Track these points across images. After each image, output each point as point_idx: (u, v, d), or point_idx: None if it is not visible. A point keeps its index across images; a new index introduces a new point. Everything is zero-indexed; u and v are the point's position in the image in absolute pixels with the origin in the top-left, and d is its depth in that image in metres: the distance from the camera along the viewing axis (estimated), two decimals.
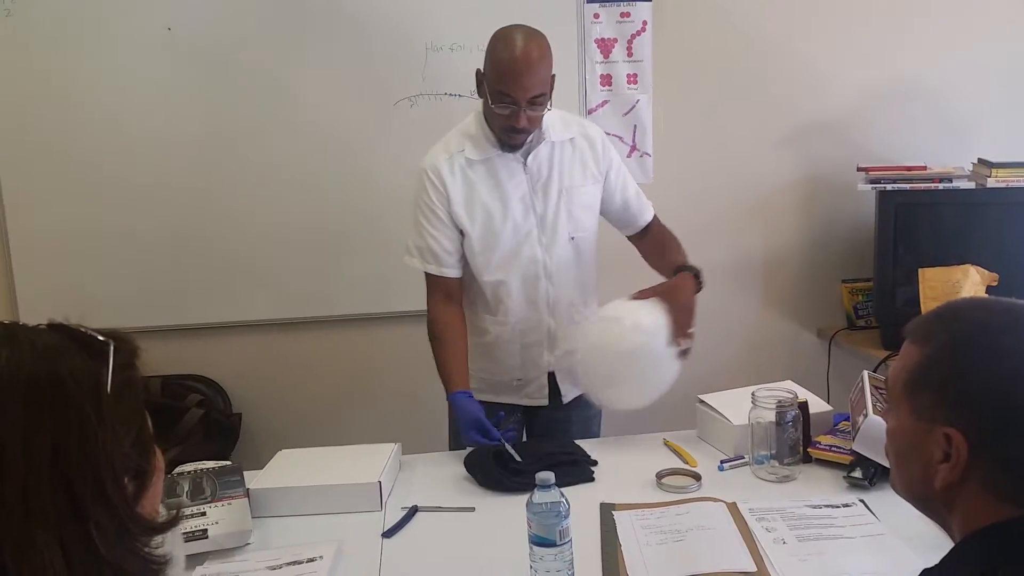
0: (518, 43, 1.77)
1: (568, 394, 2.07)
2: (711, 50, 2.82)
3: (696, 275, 1.89)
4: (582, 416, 2.10)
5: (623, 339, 1.75)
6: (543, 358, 2.04)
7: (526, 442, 2.03)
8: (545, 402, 2.08)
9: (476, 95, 1.90)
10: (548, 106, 1.84)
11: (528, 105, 1.78)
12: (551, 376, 2.06)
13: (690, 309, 1.82)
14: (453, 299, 1.98)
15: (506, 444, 1.72)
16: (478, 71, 1.86)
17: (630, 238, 2.11)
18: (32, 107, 2.59)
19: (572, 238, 1.99)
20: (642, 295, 1.82)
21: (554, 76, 1.84)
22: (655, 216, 2.09)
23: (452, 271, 1.96)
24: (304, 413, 2.81)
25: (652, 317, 1.76)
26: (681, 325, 1.78)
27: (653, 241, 2.07)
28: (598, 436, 2.13)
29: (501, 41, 1.80)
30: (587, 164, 1.98)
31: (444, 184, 1.91)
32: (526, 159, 1.92)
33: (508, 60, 1.76)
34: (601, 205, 2.03)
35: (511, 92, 1.77)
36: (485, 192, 1.93)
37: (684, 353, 1.79)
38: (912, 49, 2.87)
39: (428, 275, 1.97)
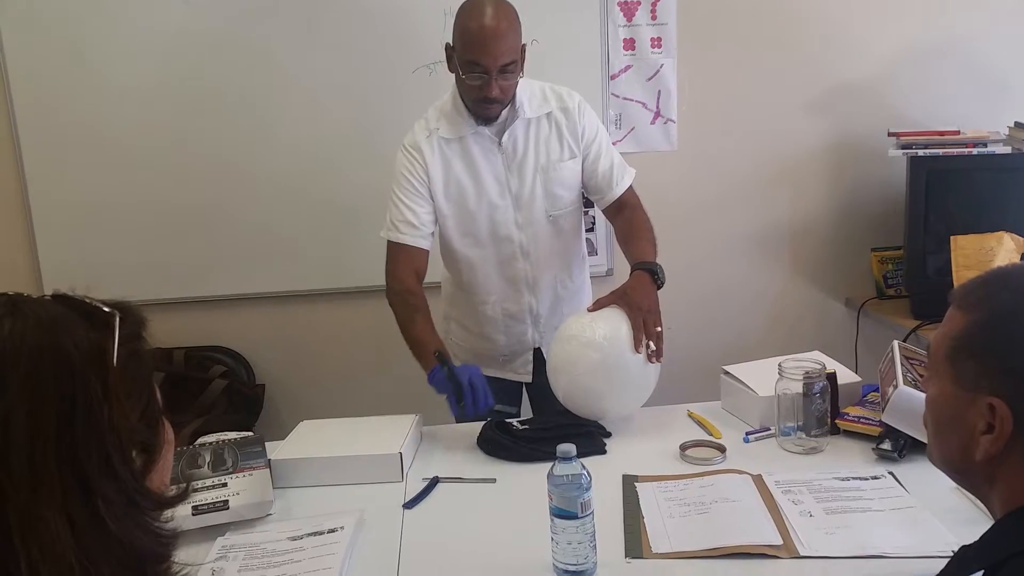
0: (486, 11, 1.75)
1: None
2: (737, 11, 2.74)
3: (654, 272, 1.81)
4: None
5: (580, 360, 1.72)
6: (527, 335, 2.04)
7: (537, 416, 2.02)
8: (529, 378, 2.07)
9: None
10: (520, 74, 1.82)
11: (499, 74, 1.76)
12: (538, 351, 2.05)
13: (651, 310, 1.75)
14: (419, 275, 1.93)
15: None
16: (447, 45, 1.83)
17: (605, 213, 2.05)
18: (53, 79, 2.59)
19: (550, 216, 1.96)
20: (598, 305, 1.78)
21: (524, 46, 1.81)
22: (631, 192, 2.00)
23: (424, 242, 1.93)
24: (327, 384, 2.82)
25: (607, 330, 1.71)
26: (642, 328, 1.72)
27: (624, 225, 1.99)
28: None
29: (468, 10, 1.78)
30: (564, 139, 1.93)
31: (424, 160, 1.89)
32: (500, 138, 1.90)
33: (476, 29, 1.74)
34: None
35: (481, 60, 1.75)
36: (460, 171, 1.91)
37: (654, 355, 1.73)
38: (945, 8, 2.78)
39: (399, 246, 1.91)
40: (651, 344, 1.73)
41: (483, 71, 1.75)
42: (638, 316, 1.72)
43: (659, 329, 1.75)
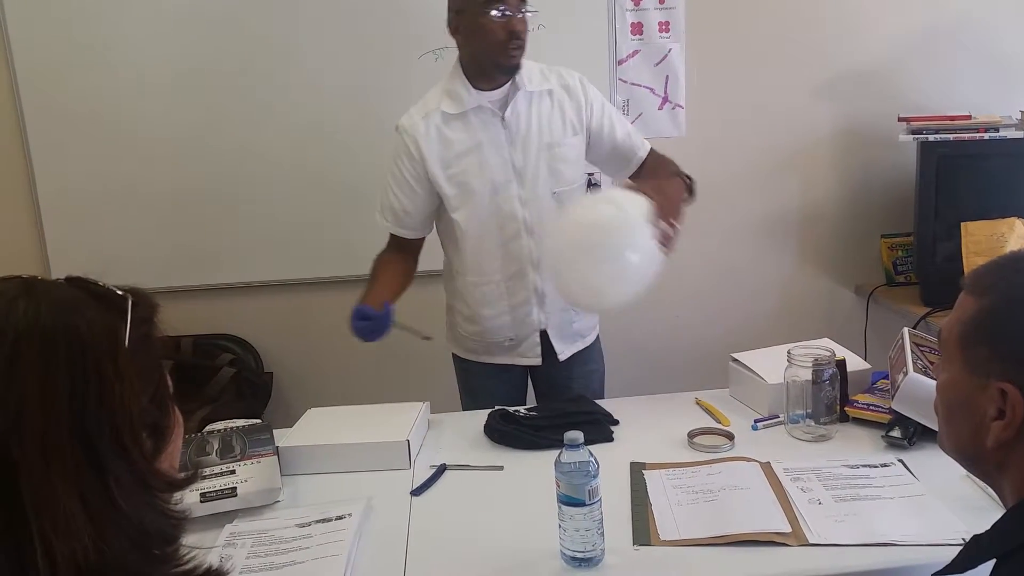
0: None
1: (563, 352, 2.05)
2: None
3: (688, 181, 1.83)
4: (582, 373, 2.09)
5: (592, 208, 1.71)
6: (533, 316, 2.01)
7: (543, 403, 2.01)
8: (538, 361, 2.06)
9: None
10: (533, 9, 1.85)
11: (518, 7, 1.80)
12: (544, 335, 2.04)
13: (677, 204, 1.74)
14: (403, 251, 2.02)
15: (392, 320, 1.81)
16: (449, 17, 1.86)
17: (633, 179, 2.02)
18: (60, 65, 2.58)
19: (555, 193, 1.95)
20: (627, 187, 1.75)
21: None
22: (651, 150, 2.03)
23: (407, 232, 1.99)
24: (335, 372, 2.82)
25: (628, 195, 1.67)
26: (665, 212, 1.66)
27: (652, 163, 2.01)
28: (601, 394, 2.12)
29: None
30: (567, 116, 1.94)
31: (418, 146, 1.90)
32: (504, 112, 1.89)
33: None
34: (589, 153, 1.99)
35: None
36: (462, 148, 1.91)
37: (666, 242, 1.66)
38: None
39: (390, 233, 2.02)
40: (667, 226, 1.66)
41: (507, 6, 1.78)
42: (664, 201, 1.67)
43: (676, 224, 1.69)
